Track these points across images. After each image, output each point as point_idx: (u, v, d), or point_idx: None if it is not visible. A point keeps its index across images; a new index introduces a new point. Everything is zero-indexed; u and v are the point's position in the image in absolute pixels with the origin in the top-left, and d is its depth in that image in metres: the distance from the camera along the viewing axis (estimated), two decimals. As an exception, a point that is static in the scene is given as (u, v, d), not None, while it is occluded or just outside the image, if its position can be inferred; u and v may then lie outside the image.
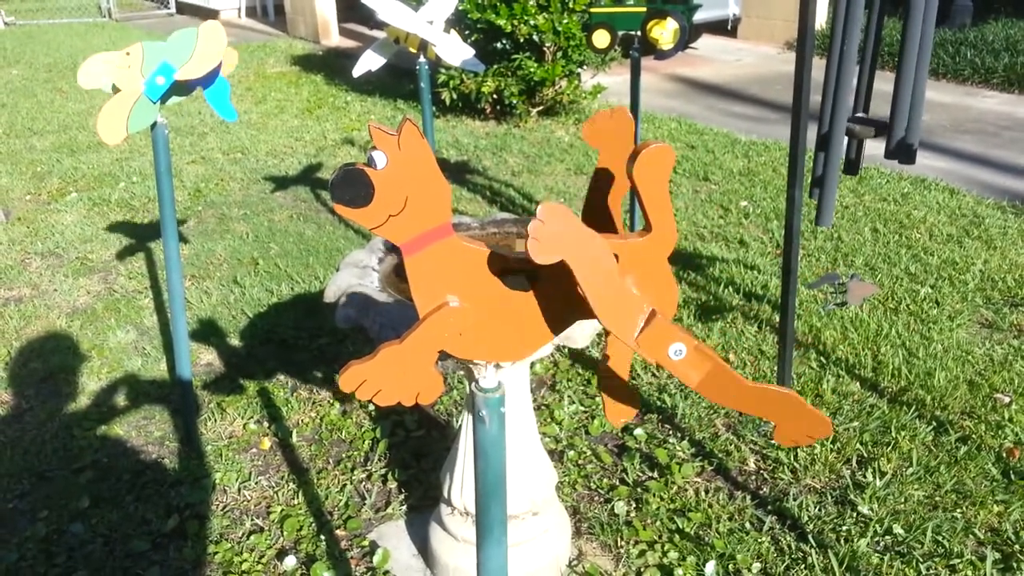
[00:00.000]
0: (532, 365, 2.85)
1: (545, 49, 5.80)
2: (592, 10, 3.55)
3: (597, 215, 1.45)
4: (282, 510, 2.29)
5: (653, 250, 1.27)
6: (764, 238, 3.98)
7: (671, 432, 2.58)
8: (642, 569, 2.07)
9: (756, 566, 2.06)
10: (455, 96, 5.94)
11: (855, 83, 2.31)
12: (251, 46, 9.54)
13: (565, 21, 5.64)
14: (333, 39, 9.90)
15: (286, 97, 7.05)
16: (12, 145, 5.79)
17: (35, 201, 4.74)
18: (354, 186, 1.08)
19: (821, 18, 8.70)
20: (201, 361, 3.03)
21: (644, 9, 3.33)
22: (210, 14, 11.46)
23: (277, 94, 7.14)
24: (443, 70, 5.84)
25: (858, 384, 2.78)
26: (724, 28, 9.44)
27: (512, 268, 1.21)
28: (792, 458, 2.42)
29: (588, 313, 1.28)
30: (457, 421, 2.65)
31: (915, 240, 3.91)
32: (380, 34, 3.56)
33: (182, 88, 2.18)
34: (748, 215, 4.26)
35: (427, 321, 1.16)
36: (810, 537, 2.14)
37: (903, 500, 2.25)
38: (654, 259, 1.28)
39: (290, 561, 2.10)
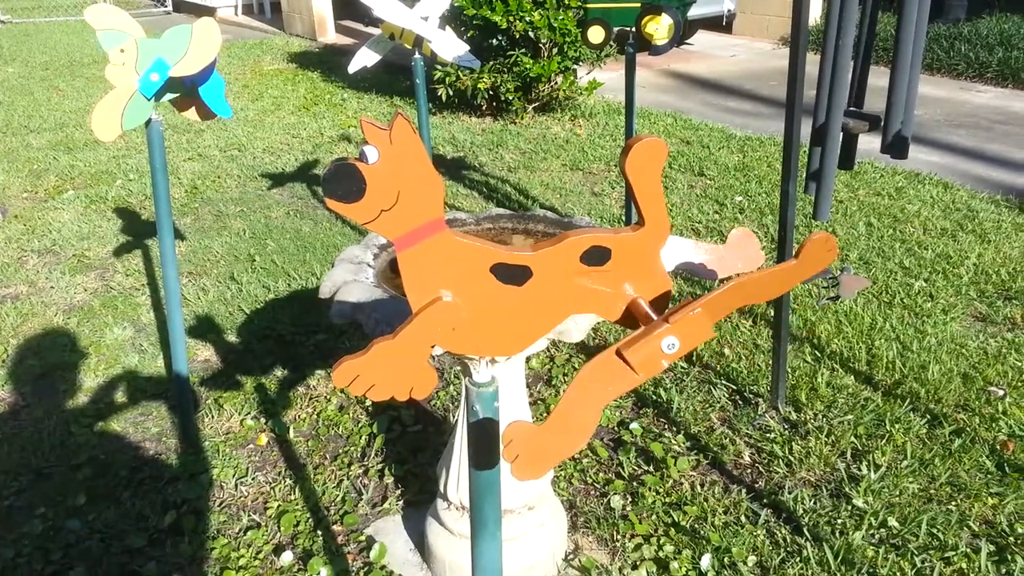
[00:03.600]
0: (527, 360, 2.86)
1: (541, 45, 5.80)
2: (587, 6, 3.56)
3: None
4: (279, 506, 2.30)
5: (646, 244, 1.28)
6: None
7: (666, 426, 2.59)
8: (638, 562, 2.08)
9: (752, 559, 2.07)
10: (451, 92, 5.94)
11: (850, 78, 2.32)
12: (248, 43, 9.54)
13: (560, 17, 5.64)
14: (329, 36, 9.89)
15: (282, 94, 7.05)
16: (8, 143, 5.79)
17: (32, 199, 4.74)
18: (346, 181, 1.08)
19: (815, 13, 8.70)
20: (198, 357, 3.04)
21: (639, 5, 3.33)
22: (207, 12, 11.44)
23: (274, 91, 7.14)
24: (439, 67, 5.84)
25: (852, 377, 2.79)
26: (719, 24, 9.45)
27: (506, 263, 1.22)
28: (787, 451, 2.43)
29: (583, 308, 1.29)
30: (453, 416, 2.66)
31: (909, 234, 3.93)
32: (375, 31, 3.56)
33: (177, 85, 2.18)
34: (743, 210, 4.27)
35: (420, 316, 1.16)
36: (805, 530, 2.15)
37: (898, 493, 2.26)
38: (647, 253, 1.28)
39: (287, 556, 2.11)
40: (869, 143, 2.63)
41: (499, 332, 1.26)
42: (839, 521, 2.17)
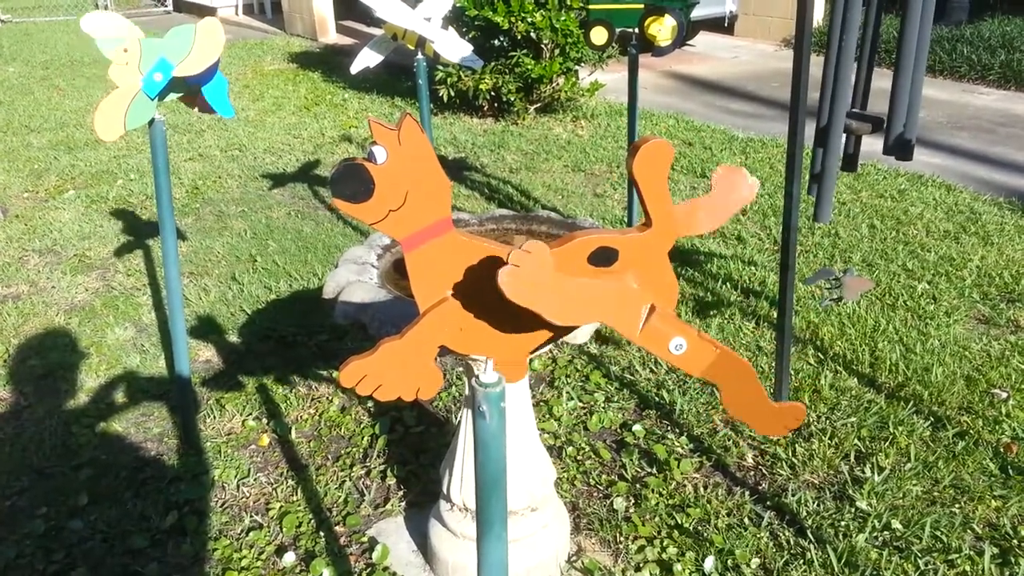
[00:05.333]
0: (531, 361, 2.86)
1: (543, 46, 5.80)
2: (590, 7, 3.55)
3: None
4: (281, 507, 2.29)
5: (653, 245, 1.27)
6: (762, 234, 3.99)
7: (669, 428, 2.58)
8: (641, 564, 2.07)
9: (755, 561, 2.06)
10: (453, 93, 5.93)
11: (853, 79, 2.31)
12: (248, 43, 9.53)
13: (563, 18, 5.64)
14: (330, 36, 9.89)
15: (284, 94, 7.04)
16: (9, 143, 5.78)
17: (33, 198, 4.74)
18: (354, 181, 1.08)
19: (818, 15, 8.70)
20: (200, 358, 3.03)
21: (642, 6, 3.32)
22: (208, 11, 11.44)
23: (275, 91, 7.13)
24: (441, 67, 5.84)
25: (856, 380, 2.78)
26: (721, 25, 9.45)
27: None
28: (790, 454, 2.43)
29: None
30: (456, 417, 2.65)
31: (912, 236, 3.92)
32: (377, 31, 3.55)
33: (180, 85, 2.17)
34: (746, 211, 4.26)
35: (427, 316, 1.16)
36: (809, 532, 2.14)
37: (901, 495, 2.26)
38: (654, 254, 1.28)
39: (289, 557, 2.10)
40: (872, 145, 2.63)
41: (506, 332, 1.26)
42: (842, 523, 2.17)
